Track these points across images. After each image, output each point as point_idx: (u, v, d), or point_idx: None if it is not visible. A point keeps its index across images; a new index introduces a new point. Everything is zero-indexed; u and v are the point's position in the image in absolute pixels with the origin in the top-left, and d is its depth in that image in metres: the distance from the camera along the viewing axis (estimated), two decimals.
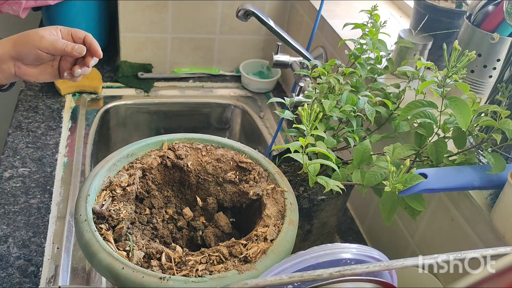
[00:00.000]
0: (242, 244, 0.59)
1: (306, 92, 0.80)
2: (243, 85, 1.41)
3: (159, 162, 0.71)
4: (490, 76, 0.84)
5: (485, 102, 0.71)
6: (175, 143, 0.73)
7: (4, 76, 0.72)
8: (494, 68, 0.83)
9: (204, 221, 0.71)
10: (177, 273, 0.55)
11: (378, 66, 0.82)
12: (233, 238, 0.61)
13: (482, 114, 0.66)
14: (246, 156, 0.72)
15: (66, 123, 1.17)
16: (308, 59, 0.95)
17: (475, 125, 0.64)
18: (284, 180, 0.69)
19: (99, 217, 0.61)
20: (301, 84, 1.04)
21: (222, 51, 1.41)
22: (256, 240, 0.59)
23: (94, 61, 0.73)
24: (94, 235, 0.57)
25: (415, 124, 0.71)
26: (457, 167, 0.63)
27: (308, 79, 0.99)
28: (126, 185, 0.66)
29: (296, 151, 0.63)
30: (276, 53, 1.08)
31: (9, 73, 0.72)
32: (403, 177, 0.58)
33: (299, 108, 0.63)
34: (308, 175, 0.64)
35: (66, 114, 1.19)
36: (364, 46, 0.80)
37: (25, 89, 1.25)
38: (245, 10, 0.98)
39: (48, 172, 1.02)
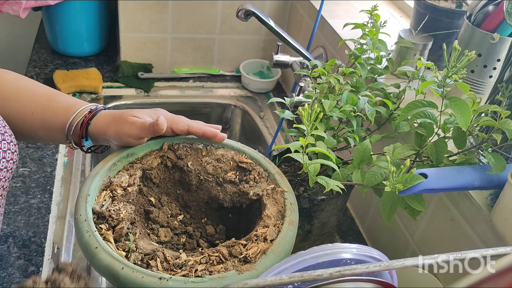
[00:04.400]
0: (242, 244, 0.59)
1: (306, 92, 0.80)
2: (243, 85, 1.41)
3: (159, 162, 0.71)
4: (490, 76, 0.84)
5: (485, 102, 0.71)
6: (175, 143, 0.73)
7: (101, 143, 0.73)
8: (494, 68, 0.83)
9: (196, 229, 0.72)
10: (177, 274, 0.55)
11: (378, 66, 0.82)
12: (233, 238, 0.61)
13: (482, 114, 0.66)
14: (246, 156, 0.72)
15: None
16: (308, 59, 0.95)
17: (475, 125, 0.64)
18: (284, 180, 0.69)
19: (99, 217, 0.61)
20: (301, 84, 1.04)
21: (222, 51, 1.41)
22: (256, 240, 0.59)
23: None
24: (94, 235, 0.57)
25: (415, 124, 0.71)
26: (457, 167, 0.63)
27: (308, 79, 0.99)
28: (126, 185, 0.66)
29: (296, 151, 0.63)
30: (276, 53, 1.08)
31: (105, 143, 0.73)
32: (403, 177, 0.58)
33: (299, 108, 0.63)
34: (308, 175, 0.64)
35: None
36: (364, 46, 0.80)
37: None
38: (245, 10, 0.98)
39: (48, 172, 1.02)
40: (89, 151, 0.73)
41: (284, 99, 0.78)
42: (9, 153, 0.64)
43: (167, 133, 0.70)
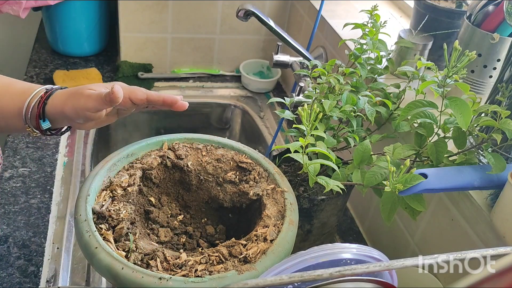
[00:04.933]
0: (242, 244, 0.59)
1: (306, 92, 0.80)
2: (243, 85, 1.41)
3: (159, 162, 0.71)
4: (490, 76, 0.84)
5: (485, 102, 0.71)
6: (175, 143, 0.73)
7: (60, 125, 0.72)
8: (494, 68, 0.83)
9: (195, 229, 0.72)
10: (177, 274, 0.55)
11: (378, 66, 0.82)
12: (233, 238, 0.61)
13: (482, 114, 0.66)
14: (246, 156, 0.72)
15: None
16: (308, 59, 0.95)
17: (475, 125, 0.64)
18: (284, 180, 0.69)
19: (99, 217, 0.61)
20: (301, 84, 1.04)
21: (222, 51, 1.41)
22: (256, 240, 0.59)
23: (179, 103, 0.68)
24: (94, 235, 0.57)
25: (415, 124, 0.71)
26: (457, 167, 0.63)
27: (308, 79, 0.99)
28: (126, 185, 0.66)
29: (296, 151, 0.63)
30: (276, 53, 1.08)
31: (63, 124, 0.71)
32: (403, 177, 0.58)
33: (299, 108, 0.63)
34: (308, 175, 0.64)
35: None
36: (364, 46, 0.80)
37: None
38: (245, 10, 0.98)
39: (48, 172, 1.02)
40: (48, 133, 0.72)
41: (284, 99, 0.78)
42: None
43: (126, 104, 0.67)
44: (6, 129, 0.72)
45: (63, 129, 0.74)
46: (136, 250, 0.58)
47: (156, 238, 0.66)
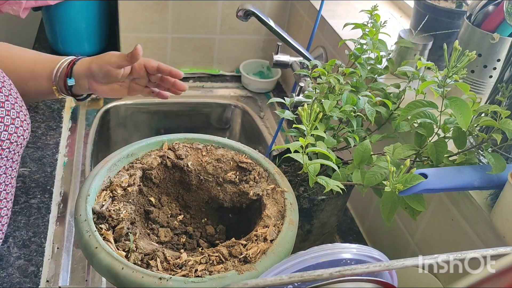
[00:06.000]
0: (242, 244, 0.59)
1: (306, 92, 0.80)
2: (243, 85, 1.41)
3: (159, 162, 0.71)
4: (490, 76, 0.84)
5: (485, 102, 0.71)
6: (175, 143, 0.73)
7: (81, 89, 0.83)
8: (494, 68, 0.83)
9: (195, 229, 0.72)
10: (177, 274, 0.55)
11: (378, 66, 0.82)
12: (233, 238, 0.61)
13: (482, 114, 0.66)
14: (246, 156, 0.72)
15: (66, 123, 1.17)
16: (308, 59, 0.95)
17: (475, 125, 0.64)
18: (284, 180, 0.69)
19: (99, 217, 0.61)
20: (301, 84, 1.04)
21: (222, 51, 1.41)
22: (256, 240, 0.59)
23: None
24: (94, 235, 0.57)
25: (415, 124, 0.71)
26: (457, 167, 0.63)
27: (308, 79, 0.99)
28: (126, 185, 0.66)
29: (296, 151, 0.63)
30: (276, 53, 1.08)
31: (84, 88, 0.83)
32: (403, 177, 0.58)
33: (299, 108, 0.63)
34: (308, 175, 0.64)
35: (66, 114, 1.19)
36: (364, 46, 0.80)
37: None
38: (245, 10, 0.98)
39: (48, 172, 1.02)
40: (71, 93, 0.83)
41: (284, 99, 0.78)
42: (20, 130, 0.69)
43: (140, 72, 0.82)
44: (34, 93, 0.83)
45: (82, 96, 0.87)
46: (136, 250, 0.58)
47: (156, 238, 0.66)
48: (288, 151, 0.69)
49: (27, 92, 0.80)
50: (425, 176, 0.59)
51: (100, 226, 0.59)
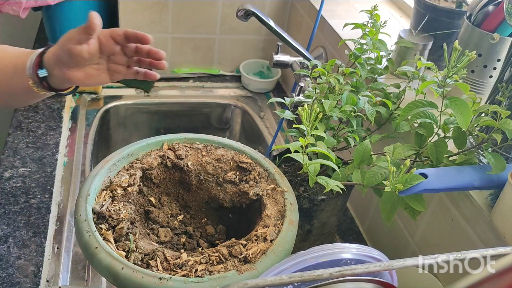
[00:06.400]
0: (242, 244, 0.59)
1: (306, 92, 0.80)
2: (243, 85, 1.41)
3: (159, 162, 0.71)
4: (491, 76, 0.84)
5: (485, 102, 0.71)
6: (175, 143, 0.73)
7: (58, 81, 0.74)
8: (494, 68, 0.83)
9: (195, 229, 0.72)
10: (177, 274, 0.55)
11: (378, 66, 0.82)
12: (233, 238, 0.61)
13: (482, 114, 0.66)
14: (246, 156, 0.72)
15: (66, 123, 1.17)
16: (308, 59, 0.95)
17: (475, 125, 0.64)
18: (284, 180, 0.69)
19: (99, 217, 0.61)
20: (301, 84, 1.04)
21: (222, 51, 1.41)
22: (256, 240, 0.59)
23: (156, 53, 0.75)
24: (94, 235, 0.57)
25: (415, 124, 0.71)
26: (457, 167, 0.63)
27: (308, 79, 0.99)
28: (126, 185, 0.66)
29: (296, 151, 0.63)
30: (276, 53, 1.08)
31: (59, 78, 0.73)
32: (403, 177, 0.58)
33: (299, 108, 0.63)
34: (308, 175, 0.64)
35: (66, 114, 1.19)
36: (364, 46, 0.80)
37: None
38: (245, 10, 0.98)
39: (48, 172, 1.02)
40: (51, 87, 0.75)
41: (284, 99, 0.78)
42: None
43: (109, 43, 0.72)
44: (21, 89, 0.74)
45: (65, 91, 0.78)
46: (136, 250, 0.58)
47: (156, 238, 0.66)
48: (288, 151, 0.69)
49: (15, 91, 0.75)
50: (425, 176, 0.59)
51: (100, 226, 0.59)
